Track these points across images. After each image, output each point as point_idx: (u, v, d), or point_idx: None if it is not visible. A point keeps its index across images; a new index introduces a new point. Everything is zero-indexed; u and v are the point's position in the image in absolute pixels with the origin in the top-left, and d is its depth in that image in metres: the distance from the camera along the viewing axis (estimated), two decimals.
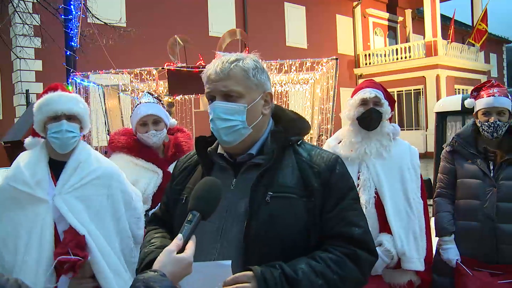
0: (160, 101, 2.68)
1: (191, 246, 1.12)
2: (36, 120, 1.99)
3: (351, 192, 1.33)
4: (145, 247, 1.37)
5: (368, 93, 2.41)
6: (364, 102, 2.41)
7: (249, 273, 1.15)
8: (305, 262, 1.19)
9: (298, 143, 1.37)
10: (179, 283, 1.13)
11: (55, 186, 1.94)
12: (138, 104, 2.59)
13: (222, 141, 1.33)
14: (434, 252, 2.63)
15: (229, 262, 1.16)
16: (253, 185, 1.26)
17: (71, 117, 1.97)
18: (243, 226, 1.24)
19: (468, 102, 2.67)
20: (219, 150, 1.39)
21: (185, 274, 1.11)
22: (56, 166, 1.98)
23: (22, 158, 2.01)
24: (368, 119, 2.38)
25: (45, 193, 1.90)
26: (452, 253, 2.49)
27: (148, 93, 2.68)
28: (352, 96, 2.50)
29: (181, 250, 1.11)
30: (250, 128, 1.30)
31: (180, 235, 1.13)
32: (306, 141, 1.47)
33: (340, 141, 2.49)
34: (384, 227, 2.32)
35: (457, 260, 2.48)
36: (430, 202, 2.76)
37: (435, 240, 2.66)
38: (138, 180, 2.39)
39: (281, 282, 1.14)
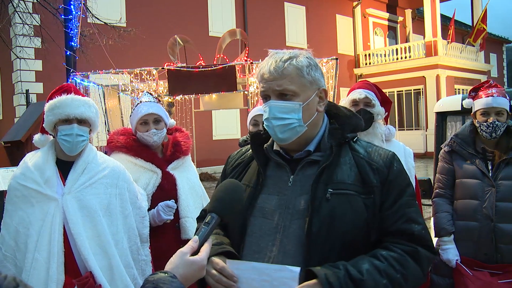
0: (160, 101, 2.69)
1: (205, 249, 1.10)
2: (47, 120, 2.02)
3: (408, 189, 1.33)
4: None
5: (358, 94, 2.43)
6: (354, 103, 2.44)
7: (314, 282, 1.13)
8: (368, 261, 1.18)
9: (354, 139, 1.37)
10: (238, 284, 1.11)
11: (64, 185, 1.97)
12: (138, 103, 2.59)
13: (277, 139, 1.32)
14: None
15: (298, 269, 1.12)
16: (313, 182, 1.25)
17: (82, 121, 2.01)
18: (303, 222, 1.23)
19: (466, 103, 2.68)
20: (275, 147, 1.38)
21: (198, 277, 1.09)
22: (64, 166, 2.02)
23: (29, 158, 2.05)
24: None
25: (54, 192, 1.94)
26: (451, 254, 2.50)
27: (148, 93, 2.69)
28: (346, 97, 2.53)
29: (196, 252, 1.09)
30: (305, 125, 1.29)
31: (196, 237, 1.11)
32: None
33: None
34: None
35: (456, 260, 2.48)
36: (429, 202, 2.76)
37: (434, 240, 2.66)
38: (137, 179, 2.40)
39: (346, 284, 1.12)
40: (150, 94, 2.68)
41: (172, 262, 1.07)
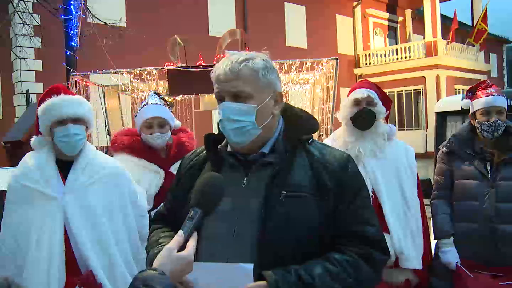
0: (166, 102, 2.68)
1: (192, 243, 1.10)
2: (41, 124, 2.02)
3: (363, 190, 1.33)
4: (154, 247, 1.35)
5: (360, 93, 2.43)
6: (357, 102, 2.43)
7: (263, 283, 1.13)
8: (321, 265, 1.19)
9: (309, 141, 1.36)
10: (193, 284, 1.11)
11: (64, 185, 1.97)
12: (145, 104, 2.58)
13: (231, 142, 1.31)
14: (432, 252, 2.62)
15: (251, 266, 1.13)
16: (267, 185, 1.25)
17: (76, 120, 2.00)
18: (257, 226, 1.22)
19: (465, 103, 2.66)
20: (229, 148, 1.37)
21: (186, 272, 1.09)
22: (64, 166, 2.02)
23: (30, 158, 2.05)
24: (361, 119, 2.40)
25: (55, 191, 1.94)
26: (451, 256, 2.46)
27: (155, 93, 2.67)
28: (347, 97, 2.53)
29: (182, 247, 1.09)
30: (260, 128, 1.28)
31: (181, 232, 1.10)
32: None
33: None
34: (381, 226, 2.32)
35: (456, 262, 2.44)
36: (429, 202, 2.76)
37: (433, 240, 2.65)
38: (140, 180, 2.39)
39: None
40: (157, 94, 2.66)
41: (160, 259, 1.07)
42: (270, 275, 1.14)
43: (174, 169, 2.52)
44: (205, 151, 1.44)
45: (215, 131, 1.35)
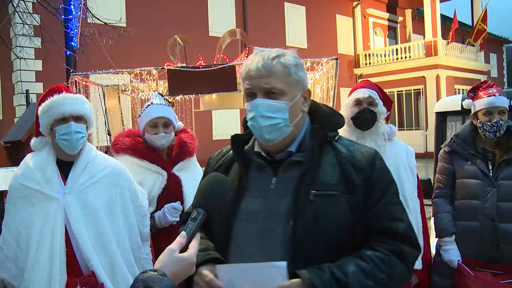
0: (170, 102, 2.67)
1: (194, 244, 1.08)
2: (42, 123, 2.01)
3: (391, 186, 1.31)
4: None
5: (362, 93, 2.43)
6: (358, 102, 2.44)
7: (298, 280, 1.12)
8: (353, 263, 1.18)
9: (336, 138, 1.35)
10: (224, 285, 1.09)
11: (65, 185, 1.97)
12: (149, 104, 2.57)
13: (263, 140, 1.28)
14: (433, 251, 2.63)
15: (285, 263, 1.11)
16: (296, 184, 1.24)
17: (78, 118, 2.00)
18: (287, 225, 1.21)
19: (466, 103, 2.67)
20: (256, 148, 1.35)
21: (188, 274, 1.08)
22: (64, 167, 2.02)
23: (30, 158, 2.05)
24: (362, 119, 2.40)
25: (55, 191, 1.94)
26: (453, 254, 2.49)
27: (159, 94, 2.67)
28: (348, 96, 2.53)
29: (184, 249, 1.07)
30: (291, 126, 1.27)
31: (183, 233, 1.09)
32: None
33: None
34: None
35: (458, 260, 2.47)
36: (429, 202, 2.76)
37: (433, 240, 2.66)
38: (143, 182, 2.38)
39: (331, 287, 1.12)
40: (161, 95, 2.66)
41: (162, 260, 1.06)
42: (304, 274, 1.13)
43: (176, 170, 2.52)
44: (230, 152, 1.43)
45: (215, 131, 1.34)
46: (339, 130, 1.38)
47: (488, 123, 2.47)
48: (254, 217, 1.26)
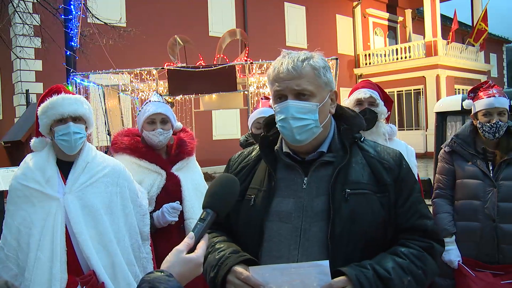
0: (170, 102, 2.68)
1: (202, 245, 1.08)
2: (41, 123, 2.02)
3: (416, 186, 1.36)
4: (210, 252, 1.32)
5: (363, 93, 2.43)
6: (359, 102, 2.44)
7: (343, 278, 1.15)
8: (391, 260, 1.21)
9: (361, 139, 1.39)
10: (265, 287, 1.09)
11: (65, 185, 1.97)
12: (147, 102, 2.57)
13: (294, 140, 1.29)
14: None
15: (327, 262, 1.12)
16: (332, 183, 1.26)
17: (77, 118, 2.01)
18: (324, 224, 1.23)
19: (466, 104, 2.67)
20: (285, 149, 1.37)
21: (194, 275, 1.07)
22: (64, 166, 2.03)
23: (30, 158, 2.05)
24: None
25: (55, 191, 1.95)
26: (453, 254, 2.49)
27: (157, 93, 2.67)
28: (349, 96, 2.53)
29: (192, 249, 1.07)
30: (321, 127, 1.30)
31: (191, 234, 1.08)
32: None
33: None
34: None
35: (458, 261, 2.47)
36: (429, 202, 2.76)
37: None
38: (142, 181, 2.38)
39: (376, 283, 1.15)
40: (160, 94, 2.67)
41: (168, 260, 1.05)
42: (349, 271, 1.15)
43: (175, 169, 2.51)
44: (253, 153, 1.46)
45: (215, 131, 1.34)
46: None
47: (487, 124, 2.47)
48: (287, 217, 1.27)
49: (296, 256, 1.23)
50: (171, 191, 2.44)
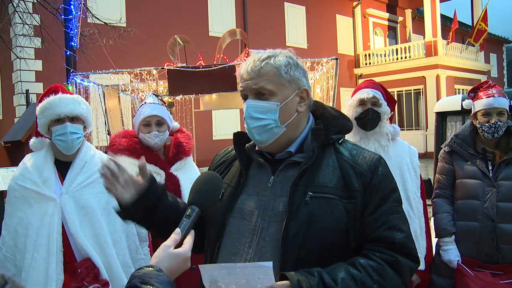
0: (165, 103, 2.68)
1: (189, 241, 1.11)
2: (39, 123, 2.02)
3: (393, 195, 1.27)
4: None
5: (366, 93, 2.42)
6: (362, 102, 2.43)
7: (286, 282, 1.10)
8: (345, 270, 1.15)
9: (339, 141, 1.33)
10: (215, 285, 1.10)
11: (62, 185, 1.98)
12: (142, 104, 2.57)
13: (255, 140, 1.30)
14: (433, 251, 2.63)
15: (271, 263, 1.08)
16: (292, 185, 1.22)
17: (74, 118, 2.01)
18: (281, 226, 1.19)
19: (466, 104, 2.67)
20: (257, 147, 1.35)
21: (183, 269, 1.09)
22: (62, 166, 2.03)
23: (28, 159, 2.06)
24: (366, 119, 2.39)
25: (52, 192, 1.95)
26: (453, 254, 2.49)
27: (154, 94, 2.67)
28: (352, 96, 2.52)
29: (179, 245, 1.10)
30: (283, 126, 1.26)
31: (178, 230, 1.11)
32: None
33: None
34: None
35: (458, 261, 2.47)
36: (429, 202, 2.76)
37: (434, 240, 2.66)
38: None
39: None
40: (156, 95, 2.66)
41: (157, 256, 1.08)
42: (292, 276, 1.11)
43: (174, 170, 2.52)
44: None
45: (215, 131, 1.35)
46: None
47: (487, 124, 2.47)
48: (249, 214, 1.26)
49: (250, 254, 1.21)
50: (170, 191, 2.42)
